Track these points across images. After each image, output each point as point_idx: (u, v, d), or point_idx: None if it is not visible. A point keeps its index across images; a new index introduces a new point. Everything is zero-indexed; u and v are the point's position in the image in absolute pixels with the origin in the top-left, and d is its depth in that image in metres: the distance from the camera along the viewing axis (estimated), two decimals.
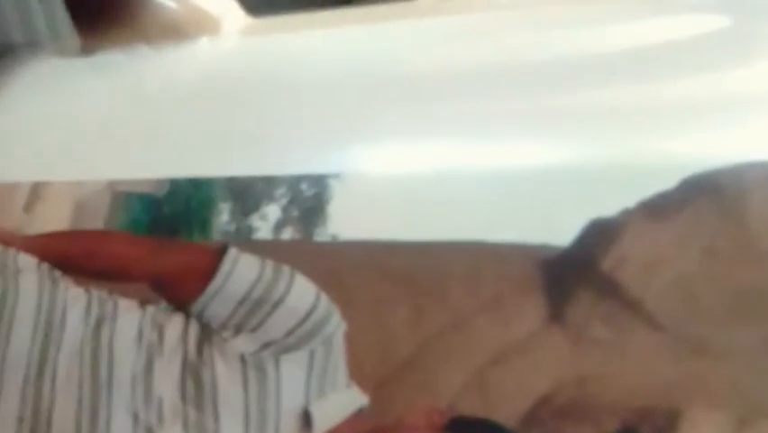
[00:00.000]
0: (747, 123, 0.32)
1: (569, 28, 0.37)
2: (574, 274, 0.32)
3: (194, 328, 0.35)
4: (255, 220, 0.36)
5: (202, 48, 0.43)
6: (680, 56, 0.34)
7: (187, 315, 0.35)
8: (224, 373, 0.34)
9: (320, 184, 0.35)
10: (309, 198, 0.35)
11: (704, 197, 0.31)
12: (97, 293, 0.36)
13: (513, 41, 0.38)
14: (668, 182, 0.31)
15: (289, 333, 0.33)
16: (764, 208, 0.30)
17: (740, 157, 0.31)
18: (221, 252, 0.35)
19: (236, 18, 0.44)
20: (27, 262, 0.37)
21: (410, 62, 0.39)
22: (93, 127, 0.41)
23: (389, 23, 0.41)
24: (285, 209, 0.36)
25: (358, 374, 0.33)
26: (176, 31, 0.43)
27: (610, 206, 0.31)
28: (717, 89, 0.33)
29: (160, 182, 0.37)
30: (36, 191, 0.39)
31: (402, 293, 0.34)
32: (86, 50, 0.44)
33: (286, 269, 0.34)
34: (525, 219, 0.33)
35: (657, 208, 0.31)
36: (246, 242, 0.36)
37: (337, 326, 0.33)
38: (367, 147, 0.36)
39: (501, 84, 0.36)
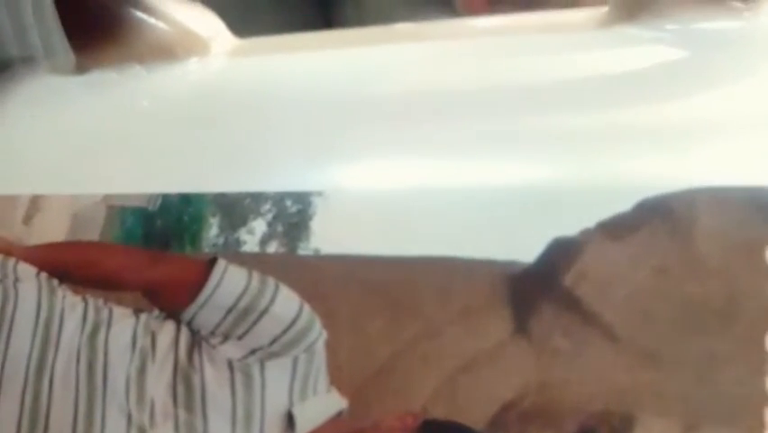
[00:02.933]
0: (698, 150, 0.34)
1: (535, 56, 0.39)
2: (538, 289, 0.33)
3: (184, 335, 0.36)
4: (243, 234, 0.37)
5: (192, 68, 0.43)
6: (639, 85, 0.36)
7: (179, 322, 0.36)
8: (213, 377, 0.36)
9: (303, 201, 0.36)
10: (293, 214, 0.37)
11: (657, 218, 0.32)
12: (94, 301, 0.37)
13: (485, 66, 0.40)
14: (625, 205, 0.32)
15: (274, 340, 0.35)
16: (712, 230, 0.32)
17: (691, 182, 0.32)
18: (210, 264, 0.36)
19: (225, 40, 0.45)
20: (26, 271, 0.39)
21: (390, 84, 0.40)
22: (87, 143, 0.42)
23: (373, 47, 0.42)
24: (270, 224, 0.37)
25: (337, 379, 0.34)
26: (167, 51, 0.43)
27: (572, 225, 0.33)
28: (671, 118, 0.35)
29: (152, 197, 0.39)
30: (35, 204, 0.40)
31: (379, 304, 0.34)
32: (81, 69, 0.44)
33: (271, 281, 0.35)
34: (493, 237, 0.34)
35: (614, 229, 0.32)
36: (234, 254, 0.37)
37: (318, 334, 0.34)
38: (348, 166, 0.37)
39: (474, 108, 0.37)
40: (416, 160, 0.36)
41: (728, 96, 0.35)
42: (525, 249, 0.33)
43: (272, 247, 0.36)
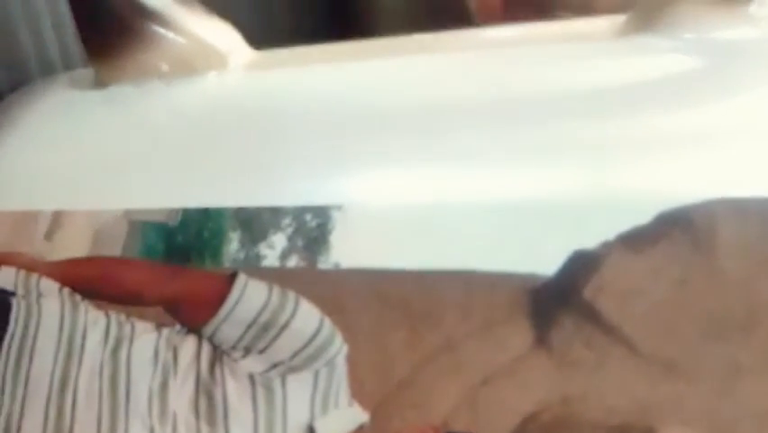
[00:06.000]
0: (718, 160, 0.34)
1: (552, 66, 0.39)
2: (558, 302, 0.33)
3: (206, 349, 0.36)
4: (263, 249, 0.37)
5: (210, 82, 0.44)
6: (658, 95, 0.36)
7: (200, 337, 0.36)
8: (235, 392, 0.36)
9: (323, 215, 0.37)
10: (313, 228, 0.37)
11: (677, 230, 0.32)
12: (116, 316, 0.37)
13: (504, 77, 0.40)
14: (645, 217, 0.32)
15: (295, 354, 0.35)
16: (732, 241, 0.32)
17: (711, 193, 0.32)
18: (231, 278, 0.36)
19: (242, 53, 0.45)
20: (49, 286, 0.39)
21: (408, 97, 0.40)
22: (107, 158, 0.42)
23: (391, 58, 0.42)
24: (290, 238, 0.37)
25: (359, 393, 0.34)
26: (185, 65, 0.44)
27: (592, 238, 0.33)
28: (690, 127, 0.35)
29: (173, 212, 0.39)
30: (57, 220, 0.41)
31: (399, 318, 0.34)
32: (100, 83, 0.45)
33: (291, 295, 0.35)
34: (513, 250, 0.34)
35: (634, 241, 0.32)
36: (254, 269, 0.37)
37: (339, 348, 0.34)
38: (367, 180, 0.38)
39: (493, 120, 0.37)
40: (436, 173, 0.36)
41: (746, 104, 0.35)
42: (546, 262, 0.33)
43: (292, 261, 0.37)
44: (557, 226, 0.32)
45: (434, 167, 0.36)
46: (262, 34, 0.45)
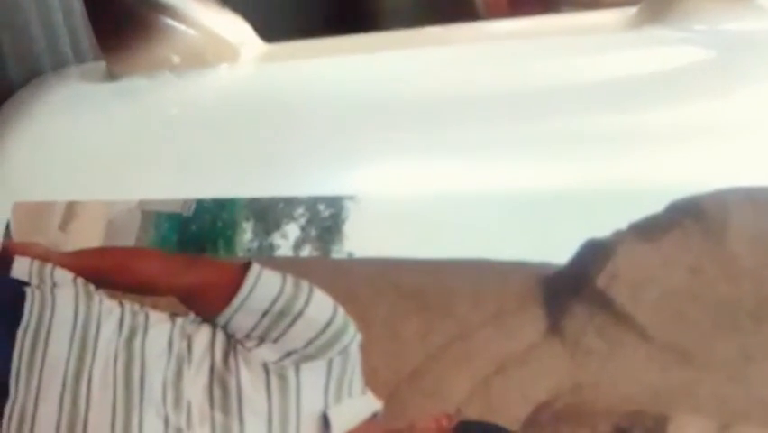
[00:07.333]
0: (729, 151, 0.34)
1: (564, 58, 0.39)
2: (571, 290, 0.33)
3: (220, 339, 0.36)
4: (276, 239, 0.38)
5: (222, 74, 0.44)
6: (669, 86, 0.36)
7: (214, 326, 0.36)
8: (249, 380, 0.36)
9: (336, 205, 0.37)
10: (326, 218, 0.37)
11: (689, 219, 0.32)
12: (130, 306, 0.38)
13: (515, 69, 0.40)
14: (657, 206, 0.32)
15: (309, 343, 0.35)
16: (744, 230, 0.32)
17: (722, 183, 0.32)
18: (244, 268, 0.36)
19: (253, 45, 0.46)
20: (63, 276, 0.39)
21: (420, 88, 0.40)
22: (120, 149, 0.42)
23: (401, 50, 0.43)
24: (304, 228, 0.37)
25: (372, 382, 0.34)
26: (197, 58, 0.44)
27: (604, 227, 0.33)
28: (701, 118, 0.35)
29: (186, 202, 0.39)
30: (71, 210, 0.41)
31: (412, 307, 0.35)
32: (112, 76, 0.45)
33: (305, 284, 0.35)
34: (526, 239, 0.34)
35: (647, 230, 0.32)
36: (268, 259, 0.37)
37: (353, 337, 0.35)
38: (380, 170, 0.38)
39: (505, 111, 0.37)
40: (448, 163, 0.36)
41: (757, 95, 0.35)
42: (558, 251, 0.33)
43: (306, 251, 0.37)
44: (570, 216, 0.33)
45: (447, 157, 0.36)
46: (267, 34, 0.46)
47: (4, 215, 0.41)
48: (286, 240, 0.37)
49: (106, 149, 0.42)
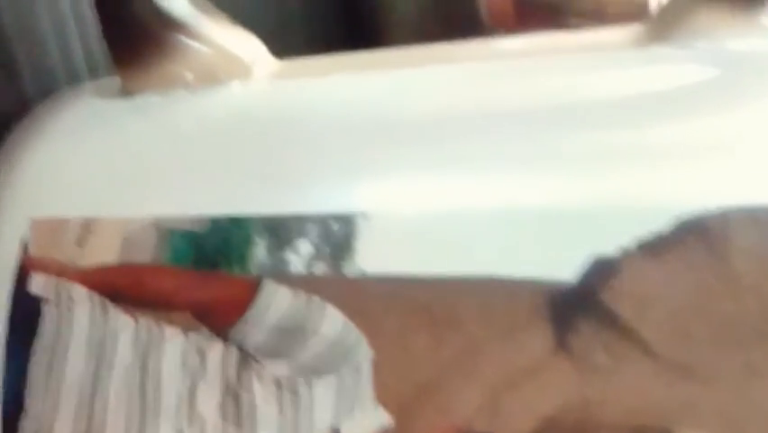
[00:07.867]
0: (734, 169, 0.34)
1: (571, 75, 0.39)
2: (578, 307, 0.33)
3: (233, 354, 0.37)
4: (289, 255, 0.38)
5: (235, 91, 0.44)
6: (673, 104, 0.37)
7: (227, 341, 0.37)
8: (262, 395, 0.36)
9: (348, 222, 0.37)
10: (338, 235, 0.38)
11: (693, 237, 0.32)
12: (145, 321, 0.38)
13: (522, 86, 0.40)
14: (661, 224, 0.33)
15: (321, 359, 0.35)
16: (747, 248, 0.32)
17: (727, 200, 0.33)
18: (257, 284, 0.37)
19: (266, 62, 0.46)
20: (80, 292, 0.40)
21: (430, 105, 0.40)
22: (135, 166, 0.42)
23: (413, 68, 0.43)
24: (316, 245, 0.37)
25: (382, 396, 0.35)
26: (210, 75, 0.44)
27: (610, 244, 0.33)
28: (707, 137, 0.35)
29: (201, 220, 0.40)
30: (87, 227, 0.42)
31: (422, 323, 0.35)
32: (125, 92, 0.45)
33: (316, 300, 0.36)
34: (534, 256, 0.35)
35: (652, 247, 0.33)
36: (281, 275, 0.37)
37: (364, 352, 0.35)
38: (391, 187, 0.38)
39: (512, 128, 0.38)
40: (459, 180, 0.37)
41: (762, 113, 0.35)
42: (565, 268, 0.34)
43: (318, 268, 0.37)
44: (576, 233, 0.33)
45: (458, 174, 0.37)
46: (275, 46, 0.46)
47: (21, 231, 0.42)
48: (298, 257, 0.37)
49: (121, 166, 0.42)
